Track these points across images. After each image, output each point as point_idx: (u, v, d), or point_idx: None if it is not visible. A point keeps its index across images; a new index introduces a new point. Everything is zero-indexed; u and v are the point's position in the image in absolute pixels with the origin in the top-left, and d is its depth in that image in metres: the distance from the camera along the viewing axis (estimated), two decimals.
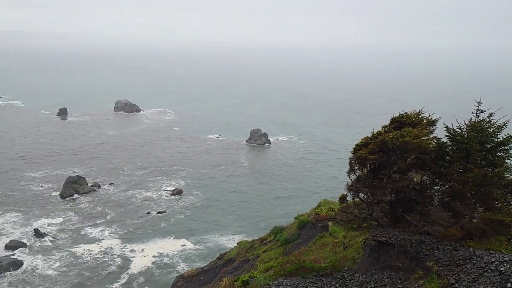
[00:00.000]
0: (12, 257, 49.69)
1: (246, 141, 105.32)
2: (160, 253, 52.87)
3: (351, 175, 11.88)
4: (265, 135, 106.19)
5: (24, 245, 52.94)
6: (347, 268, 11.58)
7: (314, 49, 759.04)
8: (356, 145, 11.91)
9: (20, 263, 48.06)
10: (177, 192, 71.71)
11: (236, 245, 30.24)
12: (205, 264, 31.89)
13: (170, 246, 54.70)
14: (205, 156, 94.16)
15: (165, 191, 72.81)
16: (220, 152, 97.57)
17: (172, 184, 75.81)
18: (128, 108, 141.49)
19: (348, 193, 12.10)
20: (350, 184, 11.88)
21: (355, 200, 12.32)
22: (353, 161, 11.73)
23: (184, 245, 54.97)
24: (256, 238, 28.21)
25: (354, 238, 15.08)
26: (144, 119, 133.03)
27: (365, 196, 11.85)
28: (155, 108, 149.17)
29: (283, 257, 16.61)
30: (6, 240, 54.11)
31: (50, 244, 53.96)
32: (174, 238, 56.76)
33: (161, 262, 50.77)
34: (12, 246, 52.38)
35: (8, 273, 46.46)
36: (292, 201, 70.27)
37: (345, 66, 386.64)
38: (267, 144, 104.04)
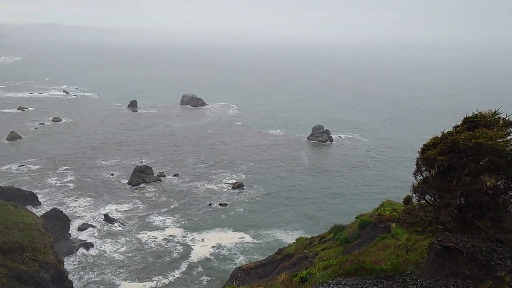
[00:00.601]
0: (83, 239, 52.99)
1: (307, 138, 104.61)
2: (219, 244, 54.04)
3: (417, 176, 11.41)
4: (327, 132, 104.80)
5: (94, 228, 56.33)
6: (409, 272, 11.17)
7: (375, 45, 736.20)
8: (424, 145, 11.42)
9: (90, 245, 51.17)
10: (238, 186, 72.84)
11: (294, 241, 30.23)
12: (263, 258, 32.20)
13: (229, 238, 55.73)
14: (267, 151, 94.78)
15: (227, 184, 74.23)
16: (281, 147, 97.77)
17: (233, 178, 77.12)
18: (193, 102, 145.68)
19: (414, 195, 11.64)
20: (416, 185, 11.42)
21: (420, 202, 11.82)
22: (420, 162, 11.26)
23: (242, 238, 55.77)
24: (315, 236, 28.03)
25: (418, 242, 14.52)
26: (209, 112, 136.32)
27: (432, 199, 11.33)
28: (219, 102, 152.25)
29: (342, 256, 16.37)
30: (79, 222, 57.91)
31: (117, 229, 56.98)
32: (233, 231, 57.74)
33: (219, 253, 51.89)
34: (84, 229, 55.98)
35: (79, 253, 49.61)
36: (353, 200, 68.95)
37: (410, 62, 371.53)
38: (328, 142, 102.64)
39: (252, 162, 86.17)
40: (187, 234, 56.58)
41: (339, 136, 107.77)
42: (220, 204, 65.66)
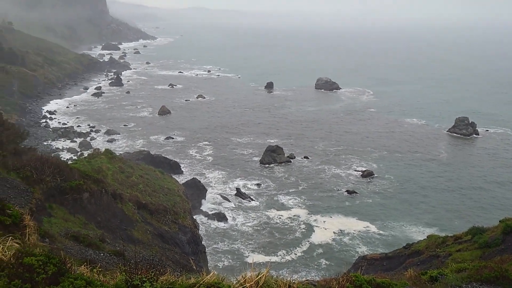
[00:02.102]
0: (217, 209, 57.11)
1: (448, 130, 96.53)
2: (341, 230, 53.60)
3: None
4: (473, 125, 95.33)
5: (227, 200, 60.29)
6: None
7: None
8: None
9: (223, 216, 54.91)
10: (368, 174, 70.92)
11: (425, 238, 28.54)
12: (389, 251, 31.10)
13: (353, 226, 54.85)
14: (401, 140, 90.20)
15: (355, 171, 72.81)
16: (418, 137, 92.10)
17: (363, 165, 75.27)
18: (328, 85, 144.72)
19: None
20: None
21: None
22: None
23: (367, 228, 54.43)
24: (449, 235, 26.09)
25: None
26: (343, 97, 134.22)
27: None
28: (354, 87, 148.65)
29: (480, 261, 15.01)
30: (214, 193, 62.53)
31: (248, 204, 60.15)
32: (357, 219, 56.63)
33: (340, 240, 51.49)
34: (217, 199, 60.29)
35: (213, 223, 53.65)
36: (498, 203, 62.16)
37: None
38: (474, 136, 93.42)
39: (385, 151, 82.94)
40: (311, 216, 57.25)
41: (487, 130, 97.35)
42: (347, 191, 64.78)
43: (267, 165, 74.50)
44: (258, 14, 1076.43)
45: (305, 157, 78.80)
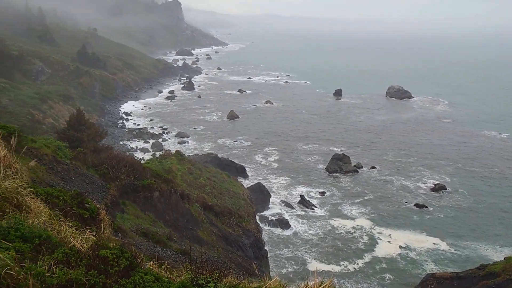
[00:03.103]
0: (280, 215, 57.13)
1: None
2: (407, 245, 51.36)
3: None
4: None
5: (290, 207, 60.12)
6: None
7: None
8: None
9: (286, 222, 54.84)
10: (439, 188, 67.47)
11: (502, 259, 26.59)
12: (461, 271, 29.34)
13: (421, 242, 52.35)
14: (478, 154, 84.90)
15: (426, 184, 69.59)
16: (496, 151, 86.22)
17: (434, 178, 71.76)
18: (400, 94, 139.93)
19: None
20: None
21: None
22: None
23: (437, 245, 51.71)
24: None
25: None
26: (415, 106, 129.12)
27: None
28: (427, 96, 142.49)
29: None
30: (277, 199, 62.65)
31: (312, 211, 59.60)
32: (426, 235, 53.97)
33: (407, 255, 49.33)
34: (281, 205, 60.30)
35: (276, 229, 53.74)
36: None
37: None
38: None
39: (459, 164, 78.51)
40: (376, 227, 55.49)
41: None
42: (416, 205, 62.01)
43: (332, 174, 73.37)
44: (328, 21, 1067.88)
45: (372, 167, 76.64)
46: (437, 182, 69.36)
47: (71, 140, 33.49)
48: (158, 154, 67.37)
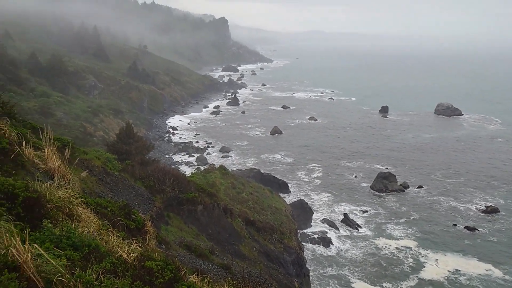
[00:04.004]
0: (323, 233, 56.20)
1: None
2: (456, 270, 48.91)
3: None
4: None
5: (333, 225, 59.04)
6: None
7: None
8: None
9: (329, 240, 53.87)
10: (492, 210, 64.17)
11: None
12: None
13: (471, 267, 49.73)
14: None
15: (476, 206, 66.42)
16: None
17: (486, 200, 68.40)
18: (449, 111, 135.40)
19: None
20: None
21: None
22: None
23: (489, 271, 48.94)
24: None
25: None
26: (465, 124, 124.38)
27: None
28: (479, 113, 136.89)
29: None
30: (319, 216, 61.73)
31: (355, 230, 58.26)
32: (478, 260, 51.24)
33: (456, 280, 46.94)
34: (324, 223, 59.38)
35: (318, 247, 52.87)
36: None
37: None
38: None
39: None
40: (422, 249, 53.38)
41: None
42: (467, 228, 59.17)
43: (377, 192, 71.59)
44: (374, 37, 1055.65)
45: (419, 187, 74.15)
46: (489, 204, 66.04)
47: (120, 153, 34.68)
48: (202, 168, 68.40)
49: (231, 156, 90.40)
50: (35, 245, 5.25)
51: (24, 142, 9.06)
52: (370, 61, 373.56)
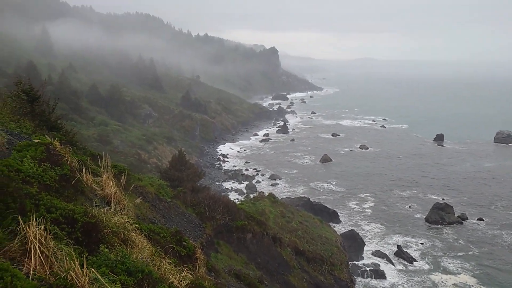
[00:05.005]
0: (375, 266, 54.11)
1: None
2: None
3: None
4: None
5: (386, 257, 56.73)
6: None
7: None
8: None
9: (382, 273, 51.73)
10: None
11: None
12: None
13: None
14: None
15: None
16: None
17: None
18: (510, 139, 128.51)
19: None
20: None
21: None
22: None
23: None
24: None
25: None
26: None
27: None
28: None
29: None
30: (371, 248, 59.59)
31: (410, 264, 55.64)
32: None
33: None
34: (376, 255, 57.18)
35: (370, 280, 50.88)
36: None
37: None
38: None
39: None
40: (482, 286, 49.94)
41: None
42: None
43: (433, 224, 68.34)
44: (425, 63, 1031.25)
45: (479, 219, 70.10)
46: None
47: (172, 179, 35.53)
48: (251, 195, 68.51)
49: (280, 184, 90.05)
50: (93, 269, 5.42)
51: (84, 169, 9.51)
52: (423, 88, 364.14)
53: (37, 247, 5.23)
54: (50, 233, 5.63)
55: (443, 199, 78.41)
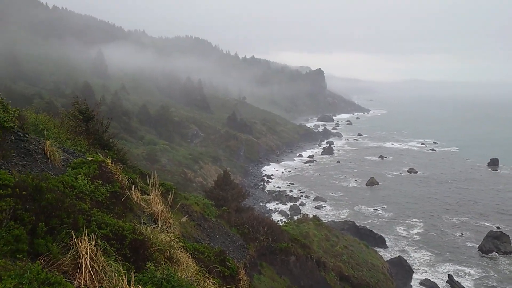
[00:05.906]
0: None
1: None
2: None
3: None
4: None
5: (436, 287, 54.03)
6: None
7: None
8: None
9: None
10: None
11: None
12: None
13: None
14: None
15: None
16: None
17: None
18: None
19: None
20: None
21: None
22: None
23: None
24: None
25: None
26: None
27: None
28: None
29: None
30: (420, 276, 56.99)
31: None
32: None
33: None
34: (426, 284, 54.57)
35: None
36: None
37: None
38: None
39: None
40: None
41: None
42: None
43: (487, 254, 64.60)
44: (475, 85, 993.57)
45: None
46: None
47: (217, 199, 35.84)
48: (295, 217, 67.79)
49: (325, 207, 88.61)
50: (140, 286, 5.52)
51: (133, 186, 9.81)
52: (472, 110, 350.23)
53: (88, 262, 5.41)
54: (101, 249, 5.82)
55: (498, 227, 74.15)
